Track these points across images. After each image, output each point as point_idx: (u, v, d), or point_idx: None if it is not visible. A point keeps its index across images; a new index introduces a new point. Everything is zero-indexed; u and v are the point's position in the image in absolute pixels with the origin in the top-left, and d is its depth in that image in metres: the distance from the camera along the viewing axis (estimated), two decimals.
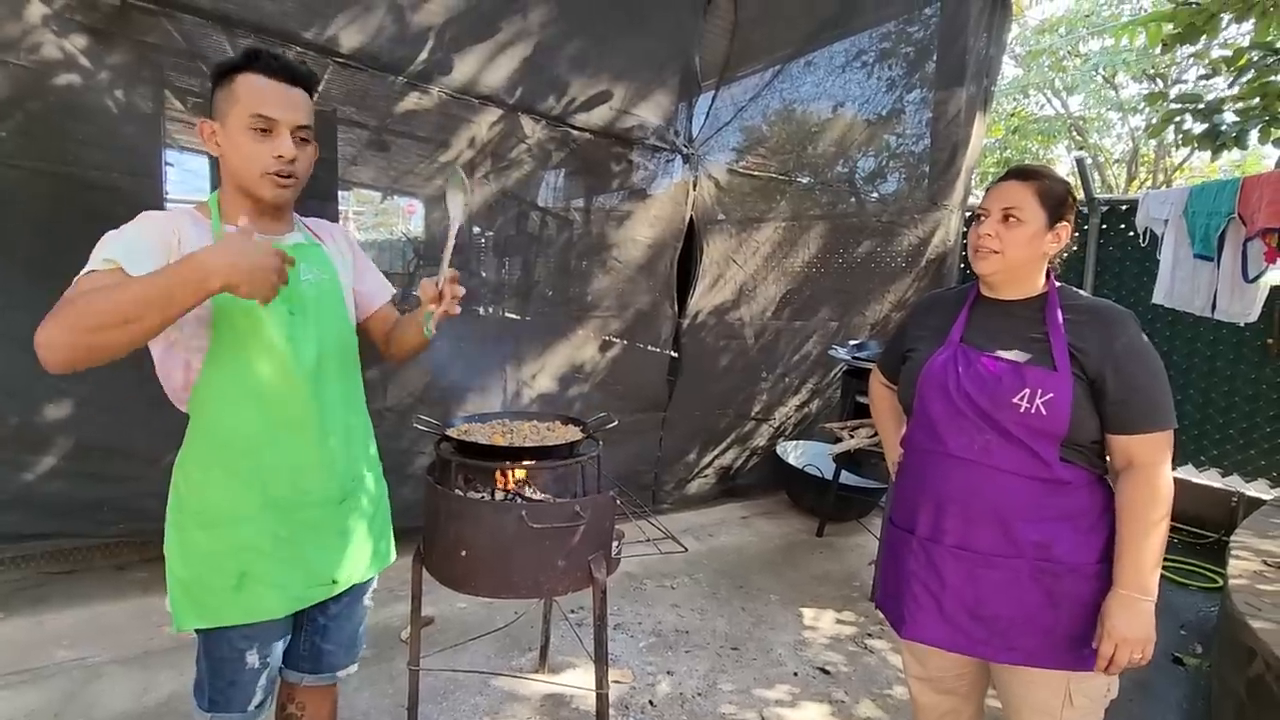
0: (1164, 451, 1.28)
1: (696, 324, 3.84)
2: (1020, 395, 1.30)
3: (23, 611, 2.46)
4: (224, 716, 1.34)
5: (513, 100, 3.04)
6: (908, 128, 4.58)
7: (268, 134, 1.20)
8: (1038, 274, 1.40)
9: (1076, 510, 1.32)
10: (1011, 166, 1.45)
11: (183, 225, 1.22)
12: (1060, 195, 1.36)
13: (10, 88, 2.14)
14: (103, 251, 1.12)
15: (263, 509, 1.28)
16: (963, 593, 1.37)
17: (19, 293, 2.27)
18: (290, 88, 1.22)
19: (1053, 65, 11.51)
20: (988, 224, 1.38)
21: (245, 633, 1.30)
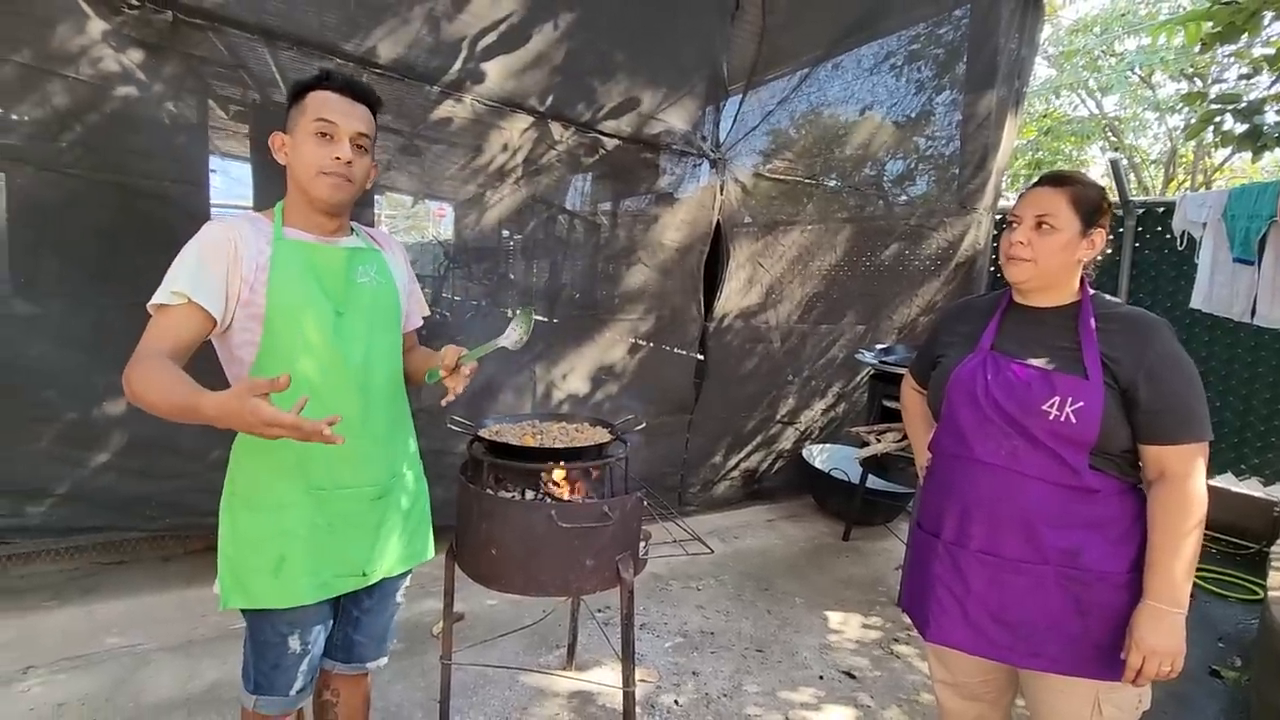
0: (1197, 462, 1.26)
1: (723, 327, 3.85)
2: (1050, 403, 1.30)
3: (75, 600, 2.58)
4: (268, 699, 1.40)
5: (543, 107, 3.10)
6: (937, 130, 4.55)
7: (329, 138, 1.31)
8: (1071, 281, 1.39)
9: (1106, 518, 1.31)
10: (1045, 172, 1.43)
11: (242, 232, 1.29)
12: (1094, 201, 1.34)
13: (71, 101, 2.25)
14: (173, 283, 1.22)
15: (303, 497, 1.35)
16: (987, 597, 1.38)
17: (80, 296, 2.39)
18: (354, 102, 1.34)
19: (1087, 65, 11.29)
20: (1020, 231, 1.37)
21: (288, 619, 1.37)
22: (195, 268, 1.24)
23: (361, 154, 1.35)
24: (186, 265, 1.24)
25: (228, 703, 2.10)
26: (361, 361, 1.38)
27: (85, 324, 2.40)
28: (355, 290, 1.39)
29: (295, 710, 1.46)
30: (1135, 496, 1.33)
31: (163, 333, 1.21)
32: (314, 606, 1.39)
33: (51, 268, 2.41)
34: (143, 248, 2.42)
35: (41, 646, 2.30)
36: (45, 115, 2.25)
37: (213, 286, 1.23)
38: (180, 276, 1.22)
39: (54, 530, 2.57)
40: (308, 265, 1.34)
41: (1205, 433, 1.27)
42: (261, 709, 1.41)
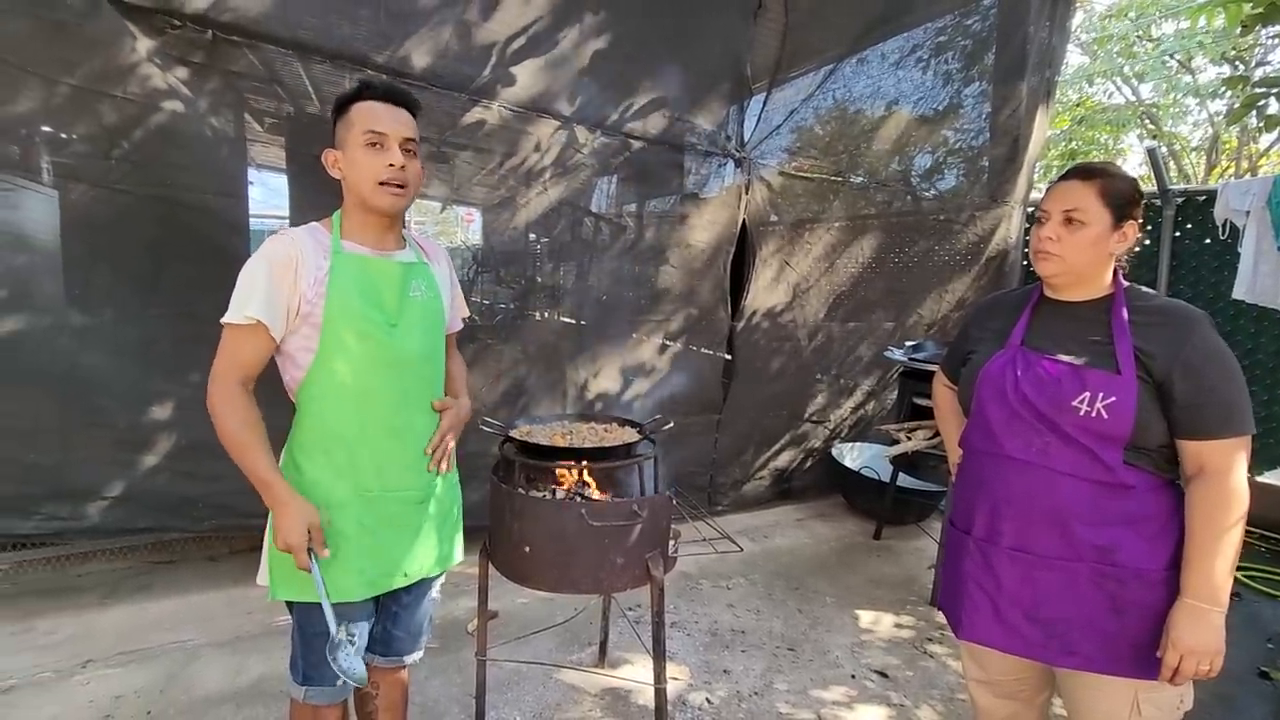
0: (1238, 456, 1.23)
1: (750, 326, 3.85)
2: (1080, 398, 1.28)
3: (129, 598, 2.69)
4: (317, 690, 1.46)
5: (568, 112, 3.14)
6: (966, 123, 4.48)
7: (380, 148, 1.36)
8: (1104, 274, 1.36)
9: (1142, 515, 1.29)
10: (1073, 165, 1.40)
11: (304, 248, 1.36)
12: (1126, 193, 1.32)
13: (119, 119, 2.35)
14: (246, 305, 1.31)
15: (352, 498, 1.41)
16: (1019, 595, 1.37)
17: (129, 307, 2.49)
18: (396, 108, 1.38)
19: (1122, 51, 10.99)
20: (1049, 226, 1.35)
21: (336, 612, 1.40)
22: (267, 290, 1.31)
23: (412, 158, 1.40)
24: (259, 287, 1.31)
25: (274, 696, 2.17)
26: (410, 371, 1.45)
27: (135, 334, 2.51)
28: (408, 304, 1.44)
29: (343, 701, 1.51)
30: (1172, 492, 1.31)
31: (236, 351, 1.33)
32: (359, 603, 1.45)
33: (102, 280, 2.51)
34: (187, 259, 2.52)
35: (98, 642, 2.40)
36: (95, 134, 2.35)
37: (278, 308, 1.32)
38: (253, 299, 1.30)
39: (108, 531, 2.68)
40: (365, 279, 1.39)
41: (1247, 426, 1.23)
42: (311, 699, 1.46)
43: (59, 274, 2.51)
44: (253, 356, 1.35)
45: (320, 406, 1.40)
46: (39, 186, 2.41)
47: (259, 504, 1.48)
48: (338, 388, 1.39)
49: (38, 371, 2.38)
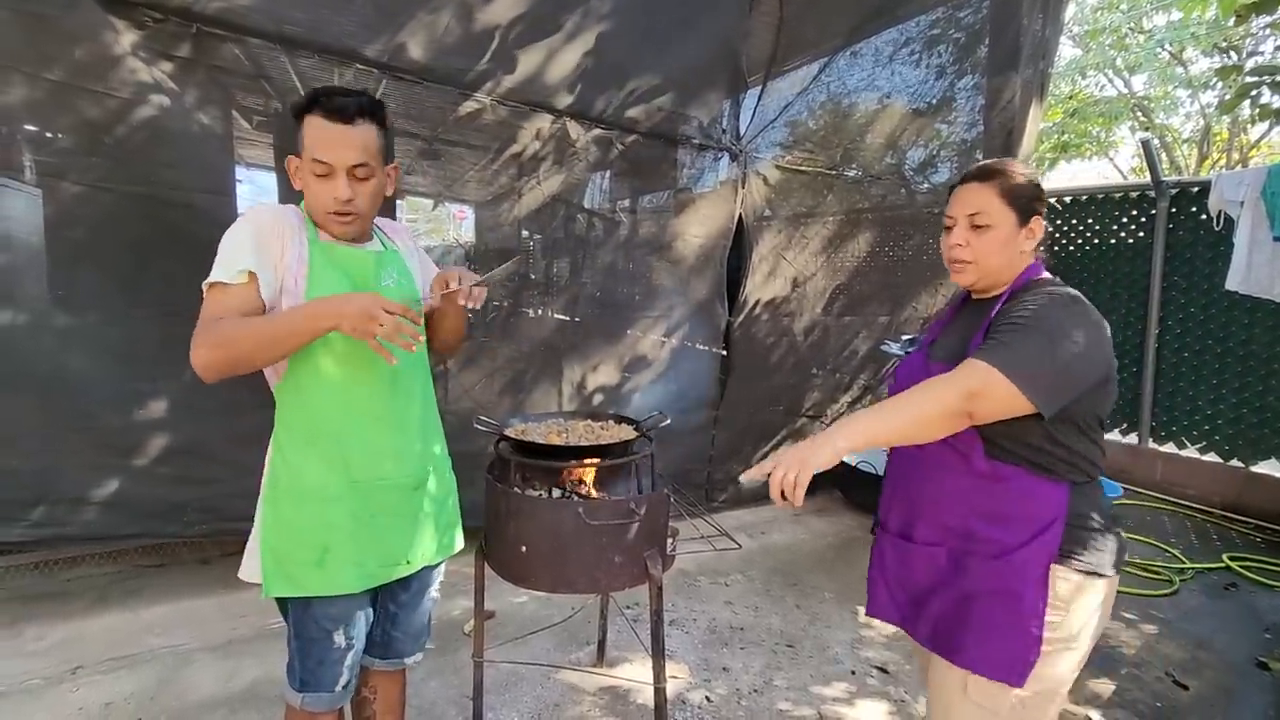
0: (970, 375, 1.15)
1: (747, 321, 3.83)
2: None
3: (119, 602, 2.65)
4: (314, 695, 1.42)
5: (562, 105, 3.10)
6: (959, 116, 4.47)
7: (327, 177, 1.30)
8: (1019, 272, 1.35)
9: (998, 506, 1.26)
10: (970, 168, 1.37)
11: (289, 221, 1.34)
12: (1027, 190, 1.31)
13: (101, 116, 2.30)
14: (236, 261, 1.25)
15: (346, 490, 1.37)
16: (900, 576, 1.43)
17: (114, 308, 2.45)
18: (348, 127, 1.28)
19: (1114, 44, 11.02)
20: (956, 233, 1.33)
21: (332, 613, 1.39)
22: (254, 248, 1.27)
23: (363, 181, 1.33)
24: (244, 245, 1.27)
25: (268, 700, 2.14)
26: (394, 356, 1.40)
27: (120, 335, 2.46)
28: (384, 294, 1.39)
29: (340, 707, 1.48)
30: (1050, 489, 1.24)
31: (222, 310, 1.23)
32: (356, 600, 1.42)
33: (86, 280, 2.47)
34: (173, 258, 2.46)
35: (89, 647, 2.37)
36: (78, 131, 2.31)
37: (269, 266, 1.28)
38: (242, 256, 1.25)
39: (96, 536, 2.64)
40: (342, 269, 1.37)
41: (1000, 360, 1.14)
42: (308, 705, 1.42)
43: (42, 274, 2.46)
44: (244, 314, 1.25)
45: (305, 398, 1.36)
46: (21, 185, 2.36)
47: (249, 507, 1.45)
48: (321, 378, 1.36)
49: (21, 374, 2.33)
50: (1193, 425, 4.50)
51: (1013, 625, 1.24)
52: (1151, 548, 3.70)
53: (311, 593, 1.36)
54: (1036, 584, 1.23)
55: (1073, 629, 1.25)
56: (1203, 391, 4.43)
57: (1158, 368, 4.63)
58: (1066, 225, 5.16)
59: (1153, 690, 2.41)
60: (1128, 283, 4.78)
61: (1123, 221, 4.84)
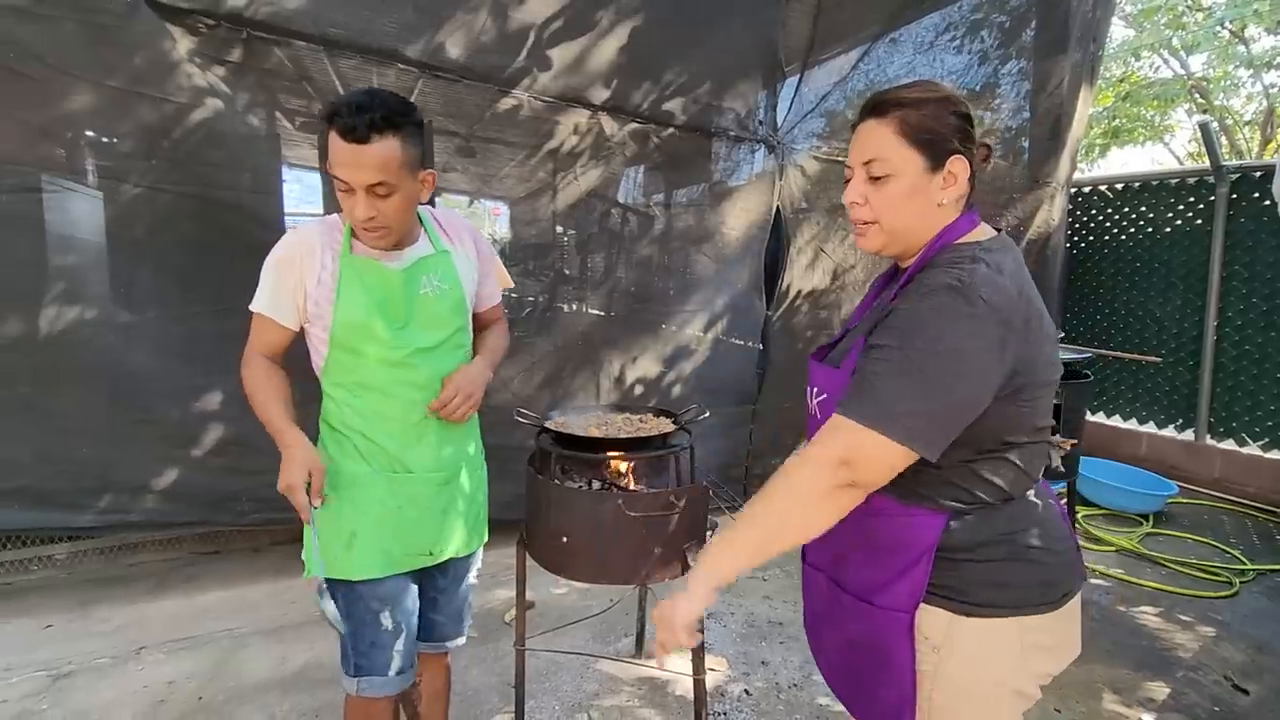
0: (832, 441, 0.93)
1: (786, 315, 3.80)
2: (810, 393, 1.13)
3: (178, 587, 2.77)
4: (368, 680, 1.45)
5: (598, 101, 3.11)
6: (1004, 102, 4.35)
7: (348, 193, 1.29)
8: (934, 232, 1.04)
9: (867, 535, 1.06)
10: (868, 98, 1.05)
11: (311, 247, 1.38)
12: (937, 123, 0.99)
13: (159, 119, 2.39)
14: (258, 299, 1.40)
15: (375, 478, 1.43)
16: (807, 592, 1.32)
17: (173, 304, 2.55)
18: (363, 147, 1.24)
19: (1170, 23, 10.54)
20: (851, 188, 1.05)
21: (377, 594, 1.43)
22: (271, 286, 1.38)
23: (384, 198, 1.29)
24: (265, 283, 1.39)
25: (318, 683, 2.22)
26: (425, 364, 1.44)
27: (178, 331, 2.57)
28: (418, 303, 1.43)
29: (396, 695, 1.50)
30: (923, 519, 1.02)
31: (258, 336, 1.43)
32: (398, 583, 1.45)
33: (146, 279, 2.57)
34: (225, 257, 2.56)
35: (151, 629, 2.48)
36: (136, 135, 2.41)
37: (285, 302, 1.38)
38: (262, 294, 1.39)
39: (157, 524, 2.76)
40: (372, 285, 1.38)
41: (863, 414, 0.91)
42: (364, 691, 1.45)
43: (105, 273, 2.58)
44: (271, 341, 1.43)
45: (338, 394, 1.44)
46: (84, 188, 2.48)
47: None
48: (351, 383, 1.42)
49: (89, 369, 2.45)
50: (1254, 421, 4.30)
51: (885, 679, 1.05)
52: (1210, 548, 3.56)
53: (337, 575, 1.41)
54: (903, 630, 1.02)
55: (958, 680, 1.02)
56: (1265, 386, 4.23)
57: (1216, 361, 4.43)
58: (1118, 214, 4.97)
59: (1211, 694, 2.33)
60: (1184, 272, 4.59)
61: (1179, 209, 4.64)
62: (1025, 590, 1.02)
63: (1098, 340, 5.05)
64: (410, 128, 1.29)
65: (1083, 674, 2.42)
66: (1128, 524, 3.86)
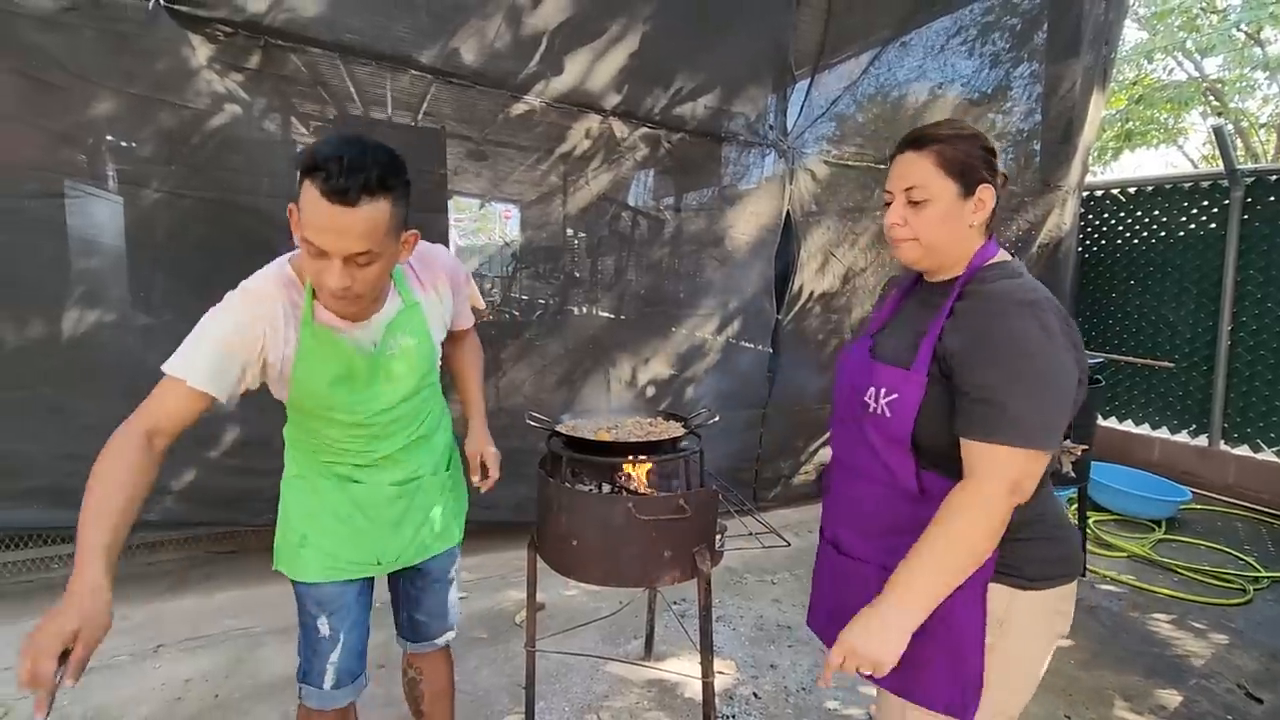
0: (1003, 469, 1.04)
1: (796, 319, 3.81)
2: (869, 394, 1.19)
3: (195, 586, 2.81)
4: (308, 689, 1.45)
5: (609, 106, 3.14)
6: (1015, 105, 4.34)
7: (322, 257, 1.12)
8: (969, 251, 1.19)
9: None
10: (906, 134, 1.22)
11: (274, 318, 1.22)
12: (968, 156, 1.15)
13: (179, 127, 2.44)
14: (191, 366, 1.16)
15: (330, 482, 1.44)
16: (830, 590, 1.36)
17: (188, 308, 2.57)
18: (350, 210, 1.07)
19: (1184, 25, 10.46)
20: (894, 210, 1.20)
21: (316, 597, 1.44)
22: (217, 358, 1.17)
23: (364, 267, 1.15)
24: (207, 352, 1.17)
25: None
26: (384, 419, 1.41)
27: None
28: (384, 363, 1.36)
29: (335, 711, 1.47)
30: None
31: (164, 405, 1.17)
32: (339, 590, 1.44)
33: (163, 282, 2.62)
34: (241, 260, 2.55)
35: (168, 627, 2.52)
36: (157, 141, 2.45)
37: (228, 379, 1.19)
38: (199, 363, 1.16)
39: (173, 524, 2.80)
40: (335, 358, 1.29)
41: (1020, 438, 1.03)
42: (303, 698, 1.46)
43: (124, 276, 2.62)
44: (180, 413, 1.18)
45: (294, 432, 1.45)
46: (105, 193, 2.52)
47: None
48: (309, 430, 1.41)
49: (107, 370, 2.49)
50: (1269, 427, 4.27)
51: (949, 652, 1.13)
52: (1223, 554, 3.53)
53: (289, 573, 1.44)
54: (970, 605, 1.11)
55: (1012, 651, 1.13)
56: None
57: (1230, 366, 4.40)
58: (1130, 217, 4.94)
59: (1223, 702, 2.31)
60: (1197, 276, 4.55)
61: (1192, 213, 4.61)
62: (1059, 563, 1.16)
63: (1110, 345, 5.02)
64: (401, 187, 1.16)
65: (1093, 681, 2.41)
66: (1140, 530, 3.83)
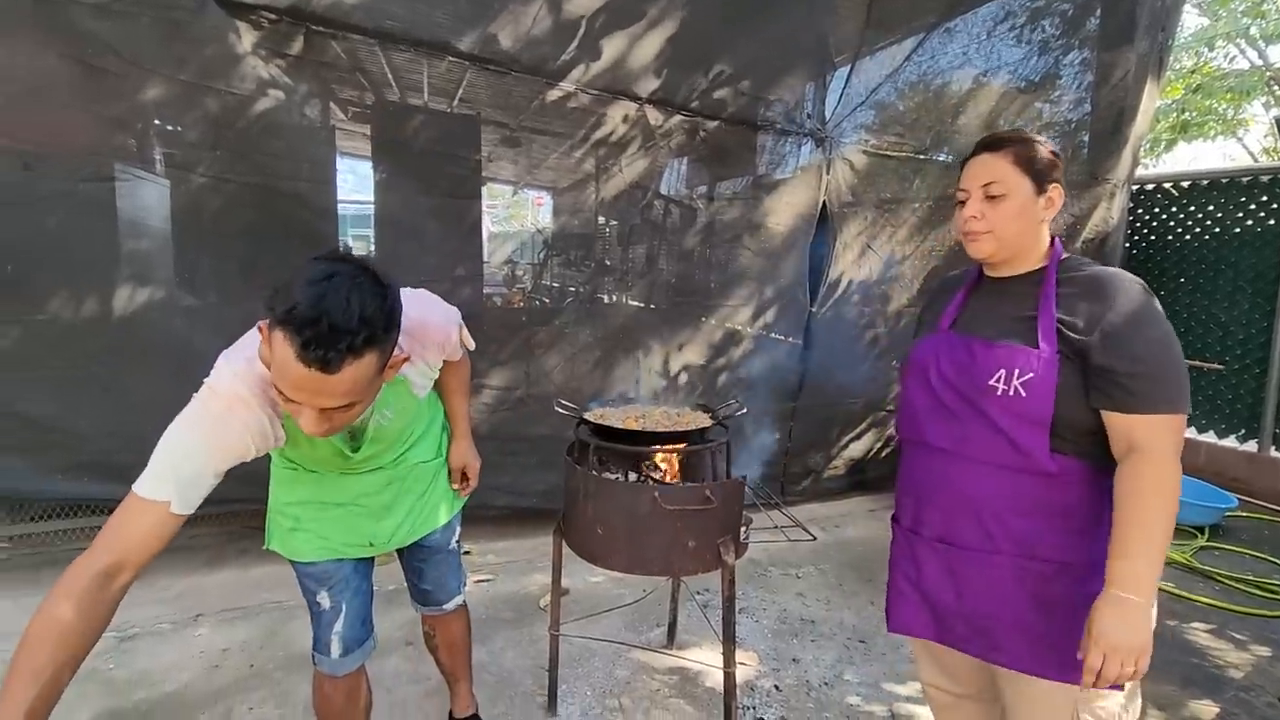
0: (1170, 437, 1.12)
1: (829, 311, 3.75)
2: (997, 376, 1.20)
3: (232, 560, 2.91)
4: (319, 657, 1.54)
5: (645, 93, 3.12)
6: (1064, 94, 4.19)
7: (295, 403, 1.02)
8: (1038, 245, 1.29)
9: (1068, 506, 1.19)
10: (981, 139, 1.32)
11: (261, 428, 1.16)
12: (1042, 158, 1.25)
13: (224, 112, 2.49)
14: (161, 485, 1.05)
15: (319, 480, 1.47)
16: (942, 586, 1.32)
17: (231, 290, 2.66)
18: (325, 377, 0.95)
19: (1249, 11, 9.97)
20: (971, 205, 1.28)
21: (313, 574, 1.49)
22: (191, 478, 1.07)
23: (346, 410, 1.05)
24: (182, 471, 1.07)
25: None
26: (374, 465, 1.49)
27: (236, 316, 2.66)
28: (372, 433, 1.39)
29: (346, 677, 1.55)
30: (1107, 482, 1.18)
31: (138, 529, 1.03)
32: (332, 566, 1.49)
33: (208, 265, 2.69)
34: (282, 244, 2.66)
35: (208, 598, 2.61)
36: (203, 126, 2.51)
37: (199, 494, 1.09)
38: (171, 482, 1.05)
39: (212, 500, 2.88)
40: (322, 444, 1.32)
41: (1180, 403, 1.12)
42: (316, 664, 1.55)
43: (170, 258, 2.71)
44: (150, 540, 1.04)
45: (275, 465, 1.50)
46: (153, 176, 2.60)
47: None
48: (292, 468, 1.46)
49: (154, 349, 2.58)
50: None
51: None
52: (1269, 564, 3.41)
53: (283, 553, 1.49)
54: None
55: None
56: None
57: None
58: (1183, 212, 4.75)
59: (1262, 716, 2.24)
60: (1252, 275, 4.36)
61: (1250, 208, 4.41)
62: None
63: None
64: (390, 330, 1.02)
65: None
66: (1182, 536, 3.71)
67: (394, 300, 1.04)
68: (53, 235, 2.40)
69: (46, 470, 2.53)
